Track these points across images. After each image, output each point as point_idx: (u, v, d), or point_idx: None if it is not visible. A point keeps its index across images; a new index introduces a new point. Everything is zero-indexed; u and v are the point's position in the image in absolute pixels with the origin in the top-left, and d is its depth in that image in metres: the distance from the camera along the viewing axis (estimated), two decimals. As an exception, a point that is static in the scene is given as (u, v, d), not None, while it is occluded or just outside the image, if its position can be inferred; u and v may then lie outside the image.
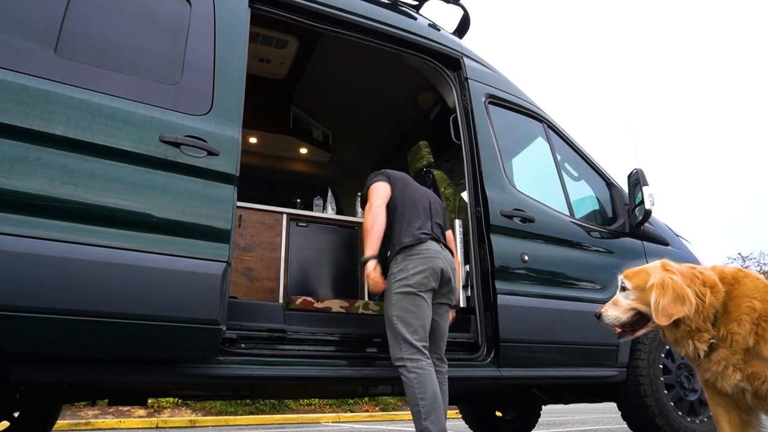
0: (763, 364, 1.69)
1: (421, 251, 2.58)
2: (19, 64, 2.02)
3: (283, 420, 9.46)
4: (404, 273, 2.54)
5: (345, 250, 3.81)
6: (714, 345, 1.74)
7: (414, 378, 2.37)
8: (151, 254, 2.07)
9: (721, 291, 1.77)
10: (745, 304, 1.73)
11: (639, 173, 3.56)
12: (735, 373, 1.73)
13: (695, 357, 1.78)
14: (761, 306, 1.72)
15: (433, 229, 2.71)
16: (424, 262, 2.55)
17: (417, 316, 2.48)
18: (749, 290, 1.76)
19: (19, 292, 1.83)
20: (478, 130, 3.23)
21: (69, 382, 2.43)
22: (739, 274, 1.84)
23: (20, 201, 1.90)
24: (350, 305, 3.10)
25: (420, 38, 3.28)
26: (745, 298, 1.74)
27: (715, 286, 1.78)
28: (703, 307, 1.74)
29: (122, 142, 2.13)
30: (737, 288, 1.79)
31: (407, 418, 10.36)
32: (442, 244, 2.71)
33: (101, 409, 8.83)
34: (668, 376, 3.22)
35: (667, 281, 1.74)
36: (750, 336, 1.69)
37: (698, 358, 1.77)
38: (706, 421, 3.21)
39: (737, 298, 1.76)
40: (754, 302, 1.72)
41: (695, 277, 1.79)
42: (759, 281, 1.81)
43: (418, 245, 2.59)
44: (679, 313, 1.69)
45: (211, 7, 2.56)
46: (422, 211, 2.75)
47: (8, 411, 3.02)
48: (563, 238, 3.30)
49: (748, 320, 1.70)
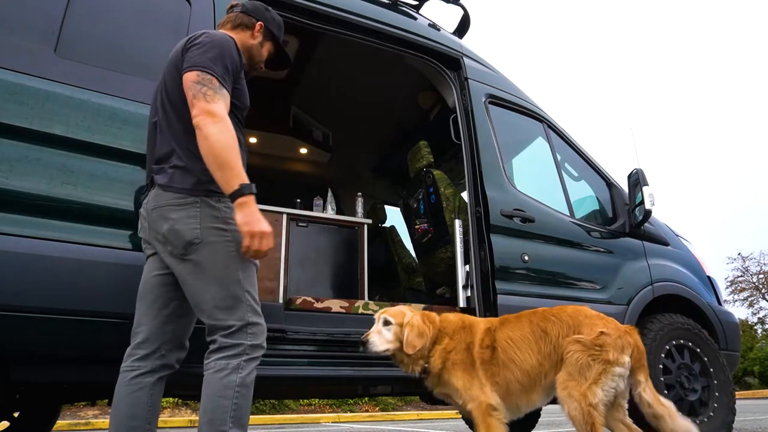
0: (448, 389, 2.18)
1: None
2: (19, 64, 2.02)
3: (283, 420, 9.46)
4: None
5: (345, 250, 3.81)
6: (426, 369, 2.21)
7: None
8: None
9: (437, 328, 2.25)
10: (441, 337, 2.23)
11: (639, 173, 3.56)
12: (435, 388, 2.25)
13: (416, 377, 2.25)
14: (448, 341, 2.21)
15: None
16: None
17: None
18: (446, 327, 2.26)
19: (19, 292, 1.83)
20: (478, 130, 3.23)
21: (69, 382, 2.42)
22: (445, 317, 2.32)
23: (20, 201, 1.90)
24: (350, 305, 3.09)
25: (420, 38, 3.28)
26: (443, 333, 2.24)
27: (434, 323, 2.26)
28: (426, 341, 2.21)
29: (122, 142, 2.13)
30: (443, 324, 2.28)
31: (407, 418, 10.37)
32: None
33: (101, 409, 8.83)
34: (668, 376, 3.22)
35: (414, 321, 2.20)
36: (439, 365, 2.18)
37: (417, 377, 2.25)
38: (707, 421, 3.21)
39: (440, 333, 2.25)
40: (446, 338, 2.22)
41: (426, 317, 2.26)
42: (454, 318, 2.30)
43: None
44: (418, 345, 2.16)
45: (211, 7, 2.56)
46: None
47: (8, 411, 3.02)
48: (563, 238, 3.30)
49: (440, 352, 2.20)
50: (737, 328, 3.87)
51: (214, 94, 1.67)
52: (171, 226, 1.68)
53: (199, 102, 1.65)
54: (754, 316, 29.51)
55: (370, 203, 5.19)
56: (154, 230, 1.74)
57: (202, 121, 1.63)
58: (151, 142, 1.86)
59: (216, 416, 1.57)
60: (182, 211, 1.69)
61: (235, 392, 1.60)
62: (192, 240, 1.67)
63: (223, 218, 1.70)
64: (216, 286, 1.67)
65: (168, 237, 1.69)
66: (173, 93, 1.79)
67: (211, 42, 1.76)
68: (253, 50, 2.03)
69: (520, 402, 2.15)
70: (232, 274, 1.68)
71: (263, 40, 2.05)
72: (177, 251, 1.69)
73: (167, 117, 1.80)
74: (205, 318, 1.69)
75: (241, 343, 1.65)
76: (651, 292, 3.43)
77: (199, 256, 1.67)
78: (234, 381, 1.60)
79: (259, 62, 2.08)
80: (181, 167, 1.73)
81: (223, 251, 1.68)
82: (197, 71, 1.69)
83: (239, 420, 1.60)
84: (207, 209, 1.70)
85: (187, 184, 1.72)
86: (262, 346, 1.71)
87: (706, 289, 3.82)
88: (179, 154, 1.75)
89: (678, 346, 3.33)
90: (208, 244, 1.67)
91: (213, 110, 1.65)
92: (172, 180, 1.73)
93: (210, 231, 1.69)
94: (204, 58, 1.71)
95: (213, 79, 1.69)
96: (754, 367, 23.98)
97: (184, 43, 1.81)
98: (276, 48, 2.11)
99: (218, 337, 1.66)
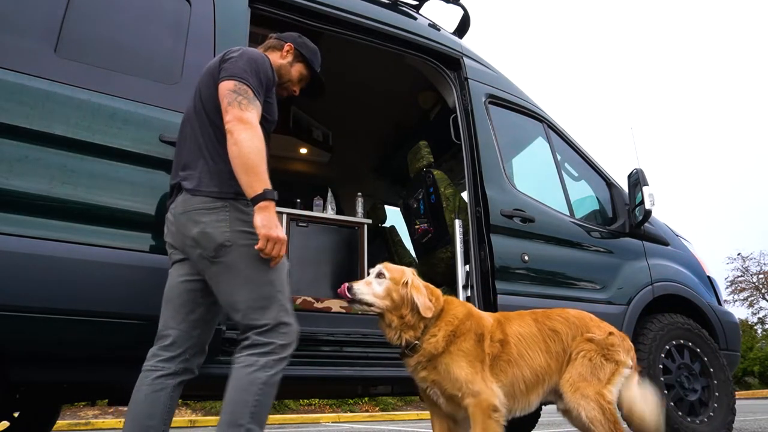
0: (440, 377, 1.96)
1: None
2: (19, 64, 2.02)
3: (283, 420, 9.46)
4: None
5: (345, 250, 3.81)
6: (415, 345, 1.98)
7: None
8: (151, 254, 2.08)
9: (440, 303, 2.06)
10: (448, 318, 2.03)
11: (639, 173, 3.56)
12: (422, 371, 2.00)
13: (398, 346, 2.02)
14: (457, 324, 2.01)
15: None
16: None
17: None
18: (452, 309, 2.06)
19: (19, 292, 1.83)
20: (478, 130, 3.23)
21: (69, 382, 2.43)
22: (449, 298, 2.13)
23: (20, 201, 1.90)
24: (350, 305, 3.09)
25: (420, 38, 3.28)
26: (450, 314, 2.04)
27: (438, 299, 2.07)
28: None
29: (122, 142, 2.13)
30: (448, 304, 2.09)
31: (407, 418, 10.37)
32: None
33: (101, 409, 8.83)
34: (668, 376, 3.22)
35: (420, 283, 2.03)
36: (442, 347, 1.97)
37: (399, 347, 2.02)
38: (707, 421, 3.21)
39: (445, 313, 2.05)
40: (454, 320, 2.02)
41: (429, 288, 2.08)
42: (458, 302, 2.14)
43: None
44: (430, 313, 1.97)
45: (211, 6, 2.56)
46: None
47: (8, 411, 3.02)
48: (563, 238, 3.30)
49: (446, 333, 1.99)
50: (737, 328, 3.87)
51: (248, 104, 1.75)
52: (201, 230, 1.72)
53: (233, 109, 1.72)
54: (754, 316, 29.55)
55: (370, 203, 5.19)
56: (183, 234, 1.78)
57: (234, 126, 1.70)
58: (180, 149, 1.91)
59: (236, 409, 1.61)
60: (212, 214, 1.74)
61: (259, 389, 1.63)
62: (223, 243, 1.71)
63: (252, 222, 1.73)
64: (249, 288, 1.71)
65: (198, 240, 1.73)
66: (207, 101, 1.85)
67: (248, 56, 1.85)
68: (282, 69, 2.11)
69: (517, 404, 2.05)
70: (264, 275, 1.73)
71: (293, 60, 2.13)
72: (208, 254, 1.73)
73: (199, 123, 1.86)
74: (239, 318, 1.72)
75: (273, 341, 1.69)
76: (651, 292, 3.44)
77: (230, 258, 1.71)
78: (260, 378, 1.64)
79: (288, 81, 2.14)
80: (209, 171, 1.79)
81: (254, 254, 1.71)
82: (234, 81, 1.76)
83: (258, 417, 1.63)
84: (236, 213, 1.75)
85: (214, 188, 1.77)
86: (292, 347, 1.74)
87: (706, 289, 3.82)
88: (208, 158, 1.81)
89: (678, 346, 3.33)
90: (239, 247, 1.72)
91: (245, 117, 1.71)
92: (200, 184, 1.78)
93: (240, 234, 1.73)
94: (240, 69, 1.79)
95: (248, 89, 1.76)
96: (754, 367, 23.98)
97: (222, 55, 1.89)
98: (309, 71, 2.19)
99: (251, 334, 1.70)
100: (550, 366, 2.06)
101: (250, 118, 1.72)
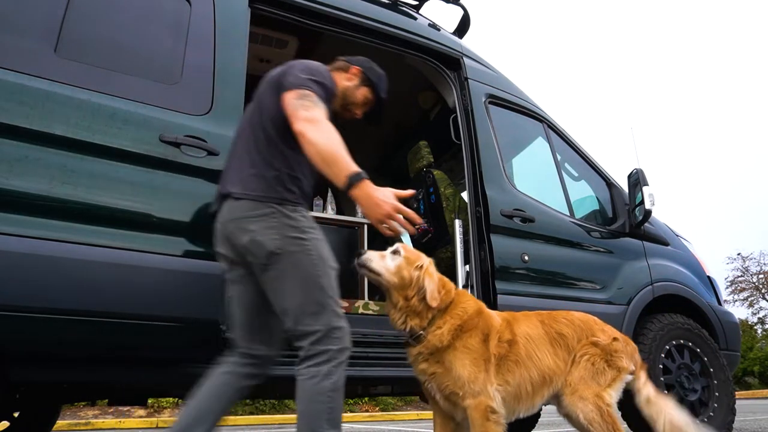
0: (442, 370, 1.93)
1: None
2: (19, 64, 2.02)
3: (283, 420, 9.46)
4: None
5: (345, 250, 3.80)
6: (420, 335, 1.96)
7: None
8: (151, 254, 2.08)
9: (450, 296, 2.03)
10: (456, 312, 2.00)
11: (639, 173, 3.56)
12: (422, 363, 1.98)
13: (402, 331, 2.01)
14: (466, 319, 1.97)
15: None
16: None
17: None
18: (462, 302, 2.04)
19: (19, 292, 1.83)
20: (478, 130, 3.23)
21: (69, 382, 2.43)
22: (461, 292, 2.12)
23: (20, 201, 1.90)
24: (350, 305, 3.10)
25: (420, 38, 3.28)
26: (459, 307, 2.01)
27: (449, 292, 2.04)
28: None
29: (122, 142, 2.13)
30: (458, 297, 2.06)
31: (407, 418, 10.37)
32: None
33: (101, 409, 8.83)
34: (668, 376, 3.22)
35: (434, 271, 2.01)
36: (447, 341, 1.94)
37: (403, 332, 2.01)
38: (707, 421, 3.21)
39: (454, 306, 2.01)
40: (463, 314, 1.99)
41: (440, 279, 2.05)
42: (470, 297, 2.11)
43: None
44: (436, 303, 1.95)
45: (211, 6, 2.56)
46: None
47: (8, 411, 3.02)
48: (563, 238, 3.30)
49: (451, 327, 1.95)
50: (737, 328, 3.88)
51: (313, 105, 1.75)
52: (252, 238, 1.73)
53: (298, 113, 1.72)
54: (754, 316, 29.56)
55: (370, 203, 5.17)
56: (232, 242, 1.79)
57: (302, 127, 1.69)
58: (229, 161, 1.93)
59: (312, 420, 1.66)
60: (261, 222, 1.74)
61: (328, 397, 1.67)
62: (274, 250, 1.71)
63: (300, 228, 1.75)
64: (300, 294, 1.72)
65: (249, 248, 1.74)
66: (263, 111, 1.87)
67: (309, 68, 1.88)
68: (347, 91, 2.12)
69: (522, 405, 2.02)
70: (314, 281, 1.73)
71: (359, 83, 2.14)
72: (259, 261, 1.74)
73: (252, 131, 1.87)
74: (292, 324, 1.73)
75: (328, 348, 1.70)
76: (651, 292, 3.44)
77: (281, 265, 1.72)
78: (326, 387, 1.67)
79: (352, 104, 2.15)
80: (254, 176, 1.79)
81: (305, 260, 1.73)
82: (296, 90, 1.77)
83: (334, 421, 1.69)
84: (284, 219, 1.75)
85: (259, 191, 1.77)
86: (347, 349, 1.76)
87: (706, 289, 3.82)
88: (254, 164, 1.81)
89: (678, 346, 3.33)
90: (290, 253, 1.72)
91: (311, 117, 1.72)
92: (245, 188, 1.78)
93: (290, 241, 1.73)
94: (302, 79, 1.81)
95: (311, 94, 1.77)
96: (754, 367, 23.99)
97: (283, 68, 1.92)
98: (374, 96, 2.20)
99: (306, 344, 1.70)
100: (557, 368, 2.04)
101: (316, 116, 1.72)
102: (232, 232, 1.78)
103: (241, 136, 1.94)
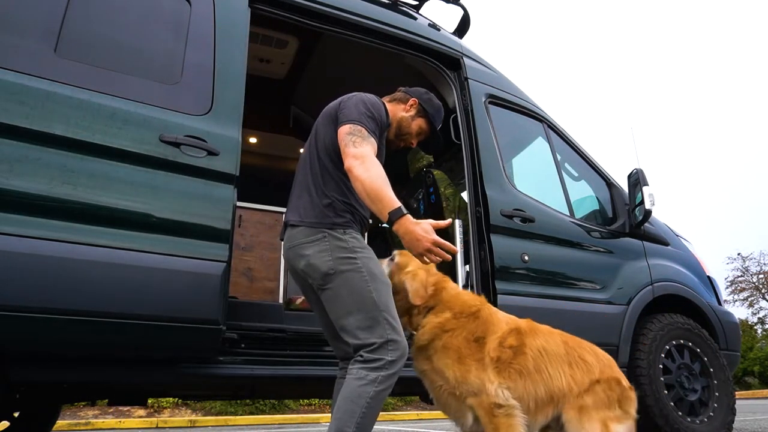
0: (433, 368, 1.94)
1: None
2: (19, 64, 2.02)
3: (283, 420, 9.46)
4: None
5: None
6: (413, 336, 2.00)
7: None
8: (151, 254, 2.08)
9: (440, 296, 2.04)
10: (438, 310, 2.01)
11: (639, 173, 3.56)
12: (415, 361, 2.02)
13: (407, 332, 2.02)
14: (449, 317, 1.98)
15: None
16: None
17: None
18: (451, 302, 2.03)
19: (19, 292, 1.83)
20: (478, 130, 3.23)
21: (69, 382, 2.43)
22: (460, 292, 2.12)
23: (20, 201, 1.90)
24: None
25: (420, 38, 3.28)
26: (446, 307, 2.02)
27: (439, 291, 2.05)
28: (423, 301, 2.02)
29: (122, 142, 2.13)
30: (449, 297, 2.06)
31: (407, 418, 10.37)
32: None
33: (101, 409, 8.84)
34: (668, 376, 3.22)
35: (417, 272, 2.03)
36: (426, 340, 1.96)
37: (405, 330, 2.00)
38: (707, 421, 3.21)
39: (441, 305, 2.03)
40: (446, 313, 1.99)
41: (433, 280, 2.07)
42: (470, 300, 2.08)
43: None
44: (419, 300, 1.99)
45: (211, 6, 2.56)
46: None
47: (8, 411, 3.02)
48: (563, 238, 3.30)
49: (433, 326, 1.97)
50: (737, 328, 3.87)
51: (362, 141, 1.86)
52: (307, 262, 1.87)
53: (348, 149, 1.84)
54: (754, 316, 29.54)
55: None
56: (293, 267, 1.95)
57: (351, 164, 1.81)
58: (293, 190, 2.07)
59: (344, 417, 1.71)
60: (314, 246, 1.87)
61: (366, 402, 1.72)
62: (327, 271, 1.83)
63: (350, 248, 1.86)
64: (354, 310, 1.81)
65: (307, 271, 1.88)
66: (320, 141, 2.01)
67: (362, 101, 1.98)
68: (403, 122, 2.23)
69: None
70: (367, 297, 1.81)
71: (415, 114, 2.24)
72: (317, 283, 1.87)
73: (310, 161, 2.02)
74: (350, 338, 1.82)
75: (382, 358, 1.76)
76: (651, 292, 3.44)
77: (335, 284, 1.84)
78: (368, 392, 1.72)
79: (407, 134, 2.24)
80: (310, 204, 1.93)
81: (356, 278, 1.82)
82: (349, 124, 1.89)
83: (363, 427, 1.72)
84: (335, 242, 1.87)
85: (312, 218, 1.91)
86: (401, 362, 1.80)
87: (706, 289, 3.82)
88: (311, 193, 1.95)
89: (678, 346, 3.33)
90: (342, 273, 1.83)
91: (359, 153, 1.82)
92: (301, 215, 1.94)
93: (341, 261, 1.84)
94: (356, 113, 1.93)
95: (362, 128, 1.89)
96: (754, 367, 23.97)
97: (339, 102, 2.03)
98: (429, 127, 2.29)
99: (363, 352, 1.78)
100: (569, 390, 1.93)
101: (363, 152, 1.83)
102: (292, 258, 1.94)
103: (301, 165, 2.07)
